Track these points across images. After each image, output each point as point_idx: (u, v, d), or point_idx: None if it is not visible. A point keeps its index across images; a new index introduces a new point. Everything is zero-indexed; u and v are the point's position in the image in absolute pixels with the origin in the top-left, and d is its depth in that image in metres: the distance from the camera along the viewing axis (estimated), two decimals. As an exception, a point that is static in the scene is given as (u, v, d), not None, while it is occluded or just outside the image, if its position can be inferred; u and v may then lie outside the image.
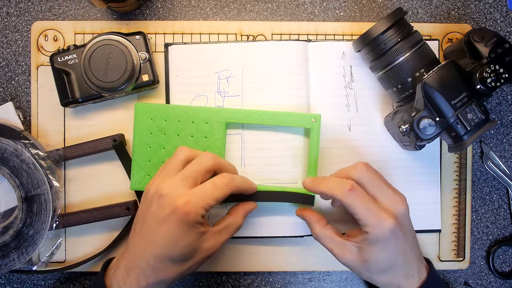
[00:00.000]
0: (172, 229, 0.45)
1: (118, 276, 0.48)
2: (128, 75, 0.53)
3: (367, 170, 0.50)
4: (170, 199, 0.46)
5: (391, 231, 0.47)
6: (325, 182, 0.50)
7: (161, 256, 0.46)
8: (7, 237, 0.54)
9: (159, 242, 0.46)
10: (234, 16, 0.60)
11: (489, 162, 0.61)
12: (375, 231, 0.47)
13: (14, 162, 0.54)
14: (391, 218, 0.47)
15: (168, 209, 0.45)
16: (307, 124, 0.56)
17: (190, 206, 0.45)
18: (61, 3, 0.59)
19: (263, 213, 0.58)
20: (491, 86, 0.49)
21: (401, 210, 0.49)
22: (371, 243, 0.48)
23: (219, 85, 0.58)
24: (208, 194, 0.47)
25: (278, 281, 0.61)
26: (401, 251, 0.49)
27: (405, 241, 0.49)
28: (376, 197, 0.49)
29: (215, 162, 0.50)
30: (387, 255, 0.48)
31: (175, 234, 0.45)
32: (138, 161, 0.56)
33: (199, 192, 0.47)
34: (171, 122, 0.56)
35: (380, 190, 0.49)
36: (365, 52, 0.54)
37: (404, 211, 0.49)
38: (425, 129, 0.49)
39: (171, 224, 0.45)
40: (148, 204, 0.48)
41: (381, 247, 0.48)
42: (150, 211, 0.47)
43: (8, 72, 0.59)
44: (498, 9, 0.62)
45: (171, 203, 0.45)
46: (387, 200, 0.49)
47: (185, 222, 0.45)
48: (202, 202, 0.46)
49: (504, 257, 0.62)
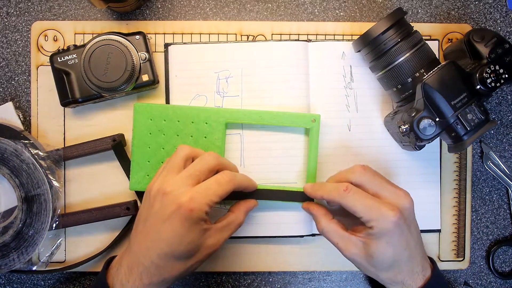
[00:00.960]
0: (176, 226, 0.45)
1: (121, 274, 0.47)
2: (128, 75, 0.53)
3: (365, 171, 0.50)
4: (174, 197, 0.46)
5: (395, 224, 0.47)
6: (323, 187, 0.51)
7: (165, 254, 0.46)
8: (7, 237, 0.54)
9: (163, 239, 0.46)
10: (234, 16, 0.60)
11: (489, 162, 0.61)
12: (379, 224, 0.47)
13: (14, 162, 0.54)
14: (394, 211, 0.47)
15: (172, 207, 0.46)
16: (307, 124, 0.56)
17: (194, 203, 0.45)
18: (61, 3, 0.59)
19: (263, 213, 0.58)
20: (491, 86, 0.49)
21: (405, 204, 0.49)
22: (376, 237, 0.48)
23: (219, 85, 0.58)
24: (211, 191, 0.47)
25: (278, 281, 0.61)
26: (405, 245, 0.49)
27: (410, 235, 0.49)
28: (379, 194, 0.49)
29: (218, 161, 0.50)
30: (392, 249, 0.48)
31: (179, 231, 0.45)
32: (137, 161, 0.56)
33: (203, 189, 0.47)
34: (171, 122, 0.56)
35: (381, 187, 0.50)
36: (365, 52, 0.54)
37: (408, 205, 0.49)
38: (425, 129, 0.49)
39: (175, 221, 0.45)
40: (151, 203, 0.48)
41: (386, 240, 0.48)
42: (154, 209, 0.47)
43: (8, 72, 0.59)
44: (498, 9, 0.62)
45: (175, 200, 0.46)
46: (390, 196, 0.49)
47: (189, 219, 0.45)
48: (206, 199, 0.46)
49: (504, 257, 0.62)
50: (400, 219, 0.47)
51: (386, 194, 0.49)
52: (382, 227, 0.47)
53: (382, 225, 0.47)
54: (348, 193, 0.48)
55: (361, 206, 0.48)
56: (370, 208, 0.48)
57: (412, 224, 0.50)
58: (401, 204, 0.49)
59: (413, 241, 0.49)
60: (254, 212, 0.57)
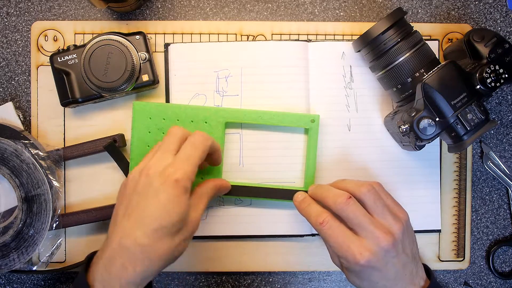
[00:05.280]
0: (163, 199, 0.43)
1: (101, 269, 0.44)
2: (128, 75, 0.53)
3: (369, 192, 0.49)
4: (158, 171, 0.45)
5: (363, 266, 0.46)
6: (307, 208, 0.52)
7: (153, 229, 0.43)
8: (7, 237, 0.54)
9: (150, 215, 0.43)
10: (234, 16, 0.60)
11: (489, 162, 0.61)
12: (347, 264, 0.48)
13: (14, 162, 0.54)
14: (366, 252, 0.46)
15: (158, 180, 0.44)
16: (306, 125, 0.56)
17: (179, 173, 0.44)
18: (61, 3, 0.59)
19: (262, 212, 0.58)
20: (491, 86, 0.49)
21: (383, 244, 0.47)
22: (348, 270, 0.49)
23: (218, 84, 0.58)
24: (191, 156, 0.46)
25: (278, 281, 0.61)
26: (382, 277, 0.47)
27: (385, 273, 0.47)
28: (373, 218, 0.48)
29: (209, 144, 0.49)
30: (366, 283, 0.48)
31: (167, 202, 0.43)
32: (136, 160, 0.56)
33: (183, 156, 0.46)
34: (170, 121, 0.56)
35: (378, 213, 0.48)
36: (365, 52, 0.54)
37: (387, 246, 0.47)
38: (425, 129, 0.49)
39: (162, 194, 0.43)
40: (135, 182, 0.46)
41: (356, 275, 0.48)
42: (138, 187, 0.45)
43: (8, 72, 0.59)
44: (498, 9, 0.62)
45: (161, 173, 0.44)
46: (378, 227, 0.47)
47: (176, 189, 0.44)
48: (189, 166, 0.45)
49: (504, 257, 0.62)
50: (370, 261, 0.46)
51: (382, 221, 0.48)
52: (349, 266, 0.48)
53: (350, 266, 0.48)
54: (323, 227, 0.48)
55: (332, 242, 0.48)
56: (341, 246, 0.47)
57: (399, 254, 0.48)
58: (379, 244, 0.46)
59: (391, 276, 0.48)
60: (254, 212, 0.57)
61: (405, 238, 0.48)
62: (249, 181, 0.57)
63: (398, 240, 0.47)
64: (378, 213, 0.48)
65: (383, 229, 0.47)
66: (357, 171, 0.58)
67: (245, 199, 0.58)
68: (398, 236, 0.47)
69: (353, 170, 0.58)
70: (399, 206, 0.50)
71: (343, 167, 0.58)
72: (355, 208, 0.48)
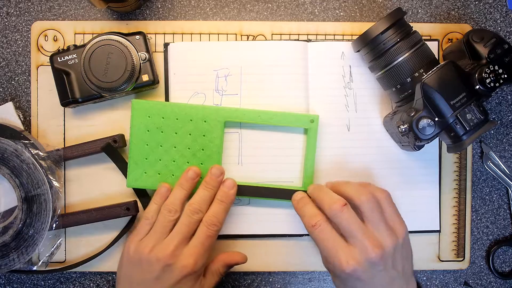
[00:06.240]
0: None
1: None
2: (128, 75, 0.53)
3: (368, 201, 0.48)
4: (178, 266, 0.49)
5: (349, 275, 0.46)
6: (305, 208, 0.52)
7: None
8: (7, 237, 0.54)
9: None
10: (234, 16, 0.60)
11: (489, 162, 0.61)
12: (334, 269, 0.48)
13: (14, 162, 0.55)
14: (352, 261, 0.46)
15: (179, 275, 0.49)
16: (305, 125, 0.56)
17: (197, 266, 0.49)
18: (61, 3, 0.60)
19: (261, 212, 0.58)
20: (490, 86, 0.49)
21: (371, 256, 0.46)
22: (333, 275, 0.50)
23: (217, 83, 0.58)
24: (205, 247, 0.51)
25: (278, 281, 0.61)
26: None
27: (370, 285, 0.47)
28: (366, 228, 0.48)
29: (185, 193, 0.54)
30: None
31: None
32: (135, 158, 0.56)
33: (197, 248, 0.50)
34: (169, 120, 0.56)
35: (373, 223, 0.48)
36: (364, 52, 0.54)
37: (374, 258, 0.46)
38: (424, 129, 0.49)
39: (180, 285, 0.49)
40: (146, 268, 0.49)
41: (341, 282, 0.49)
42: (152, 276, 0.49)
43: (8, 72, 0.59)
44: (498, 9, 0.61)
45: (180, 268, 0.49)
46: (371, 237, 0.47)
47: (193, 279, 0.50)
48: (203, 258, 0.50)
49: (504, 257, 0.62)
50: (356, 271, 0.46)
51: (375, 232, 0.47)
52: (335, 272, 0.48)
53: (336, 272, 0.48)
54: (314, 229, 0.49)
55: (322, 246, 0.48)
56: (330, 251, 0.47)
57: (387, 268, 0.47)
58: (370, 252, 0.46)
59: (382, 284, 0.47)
60: (252, 211, 0.58)
61: (397, 253, 0.48)
62: (248, 181, 0.57)
63: (387, 254, 0.47)
64: (373, 224, 0.48)
65: (374, 241, 0.47)
66: (356, 171, 0.58)
67: (244, 198, 0.58)
68: (389, 250, 0.47)
69: (352, 170, 0.58)
70: (399, 220, 0.49)
71: (342, 167, 0.58)
72: (348, 216, 0.47)
